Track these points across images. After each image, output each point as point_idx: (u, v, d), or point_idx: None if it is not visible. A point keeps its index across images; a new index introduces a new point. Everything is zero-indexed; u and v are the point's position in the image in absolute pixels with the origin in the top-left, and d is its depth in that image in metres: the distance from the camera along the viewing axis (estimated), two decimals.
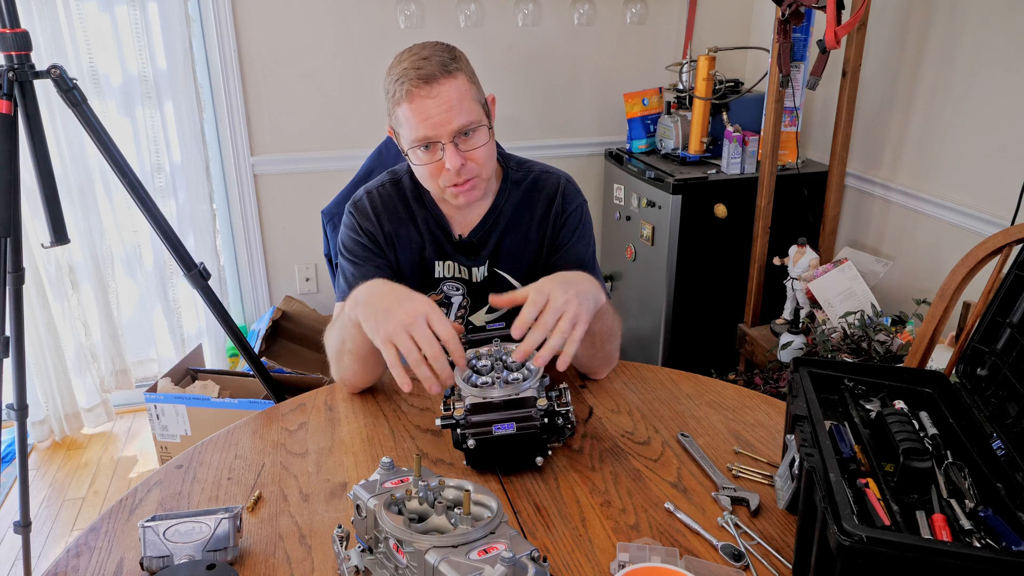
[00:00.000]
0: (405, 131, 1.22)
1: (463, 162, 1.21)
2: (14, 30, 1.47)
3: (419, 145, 1.21)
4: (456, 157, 1.20)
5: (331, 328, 1.26)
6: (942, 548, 0.69)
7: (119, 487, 2.41)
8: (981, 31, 2.01)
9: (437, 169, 1.23)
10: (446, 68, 1.18)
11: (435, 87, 1.17)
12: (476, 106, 1.22)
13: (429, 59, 1.18)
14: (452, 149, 1.19)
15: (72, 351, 2.60)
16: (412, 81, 1.17)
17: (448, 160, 1.20)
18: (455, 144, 1.20)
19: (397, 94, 1.19)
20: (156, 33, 2.42)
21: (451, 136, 1.19)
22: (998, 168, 1.99)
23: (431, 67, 1.17)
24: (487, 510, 0.78)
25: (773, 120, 2.33)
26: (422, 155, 1.22)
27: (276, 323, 2.64)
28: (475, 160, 1.23)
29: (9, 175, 1.52)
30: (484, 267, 1.38)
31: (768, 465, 1.06)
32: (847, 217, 2.57)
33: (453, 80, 1.18)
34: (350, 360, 1.21)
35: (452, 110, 1.18)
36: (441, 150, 1.20)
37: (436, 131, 1.18)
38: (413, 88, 1.17)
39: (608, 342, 1.24)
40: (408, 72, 1.18)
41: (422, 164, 1.23)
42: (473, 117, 1.21)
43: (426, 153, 1.22)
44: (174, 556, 0.86)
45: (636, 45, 2.85)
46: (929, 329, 1.45)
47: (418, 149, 1.21)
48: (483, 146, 1.23)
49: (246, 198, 2.68)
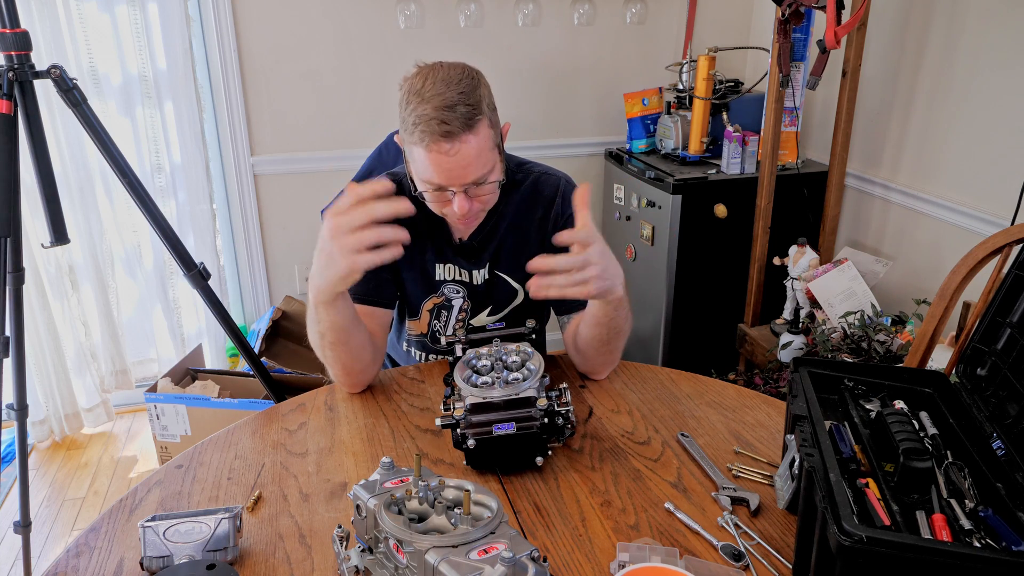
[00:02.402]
0: (417, 168, 1.20)
1: (471, 206, 1.21)
2: (14, 30, 1.47)
3: (429, 187, 1.20)
4: (465, 203, 1.19)
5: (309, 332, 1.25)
6: (942, 548, 0.69)
7: (119, 487, 2.41)
8: (981, 31, 2.01)
9: (442, 204, 1.23)
10: (469, 123, 1.13)
11: (456, 144, 1.13)
12: (492, 154, 1.20)
13: (453, 109, 1.12)
14: (462, 197, 1.19)
15: (72, 351, 2.60)
16: (432, 136, 1.12)
17: (457, 205, 1.20)
18: (465, 191, 1.19)
19: (415, 136, 1.14)
20: (156, 33, 2.42)
21: (463, 187, 1.18)
22: (998, 168, 1.99)
23: (455, 122, 1.12)
24: (487, 510, 0.78)
25: (773, 120, 2.33)
26: (430, 194, 1.22)
27: (276, 323, 2.64)
28: (482, 202, 1.24)
29: (9, 175, 1.52)
30: (485, 270, 1.38)
31: (768, 465, 1.06)
32: (847, 217, 2.57)
33: (474, 136, 1.14)
34: (333, 352, 1.21)
35: (469, 167, 1.16)
36: (451, 194, 1.20)
37: (449, 182, 1.18)
38: (433, 143, 1.13)
39: (616, 338, 1.24)
40: (430, 123, 1.12)
41: (429, 201, 1.24)
42: (488, 167, 1.19)
43: (435, 193, 1.21)
44: (174, 556, 0.86)
45: (636, 45, 2.85)
46: (929, 329, 1.45)
47: (428, 188, 1.21)
48: (492, 183, 1.23)
49: (246, 198, 2.68)
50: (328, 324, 1.17)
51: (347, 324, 1.18)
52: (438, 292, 1.39)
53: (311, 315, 1.19)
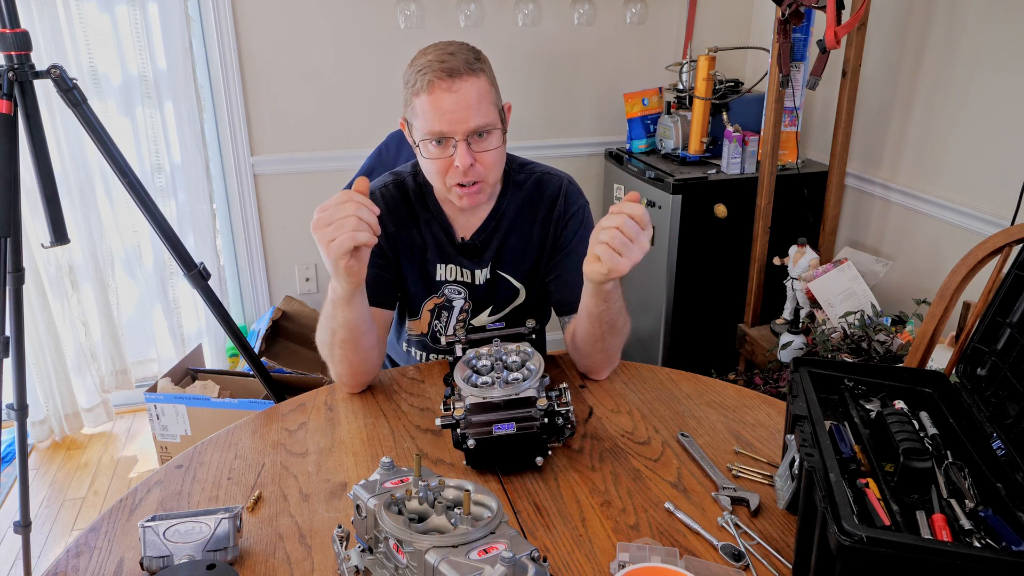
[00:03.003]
0: (420, 122, 1.21)
1: (472, 162, 1.21)
2: (14, 30, 1.47)
3: (432, 139, 1.21)
4: (467, 156, 1.19)
5: (320, 328, 1.26)
6: (942, 548, 0.69)
7: (119, 487, 2.41)
8: (981, 31, 2.01)
9: (445, 165, 1.22)
10: (471, 66, 1.19)
11: (457, 82, 1.17)
12: (494, 109, 1.23)
13: (455, 55, 1.19)
14: (464, 147, 1.19)
15: (72, 351, 2.60)
16: (435, 72, 1.17)
17: (459, 158, 1.19)
18: (468, 143, 1.20)
19: (418, 84, 1.19)
20: (156, 33, 2.42)
21: (465, 135, 1.19)
22: (998, 168, 1.99)
23: (456, 62, 1.18)
24: (487, 510, 0.78)
25: (773, 120, 2.33)
26: (433, 149, 1.22)
27: (276, 323, 2.64)
28: (484, 163, 1.23)
29: (9, 175, 1.52)
30: (487, 269, 1.38)
31: (768, 465, 1.06)
32: (847, 217, 2.57)
33: (476, 79, 1.19)
34: (342, 350, 1.21)
35: (470, 108, 1.18)
36: (453, 147, 1.20)
37: (452, 127, 1.18)
38: (435, 79, 1.17)
39: (611, 334, 1.23)
40: (432, 64, 1.18)
41: (431, 158, 1.23)
42: (490, 119, 1.21)
43: (437, 148, 1.21)
44: (174, 556, 0.86)
45: (636, 45, 2.85)
46: (929, 329, 1.45)
47: (430, 143, 1.21)
48: (495, 149, 1.23)
49: (246, 198, 2.68)
50: (342, 321, 1.18)
51: (361, 324, 1.19)
52: (439, 292, 1.39)
53: (326, 312, 1.20)
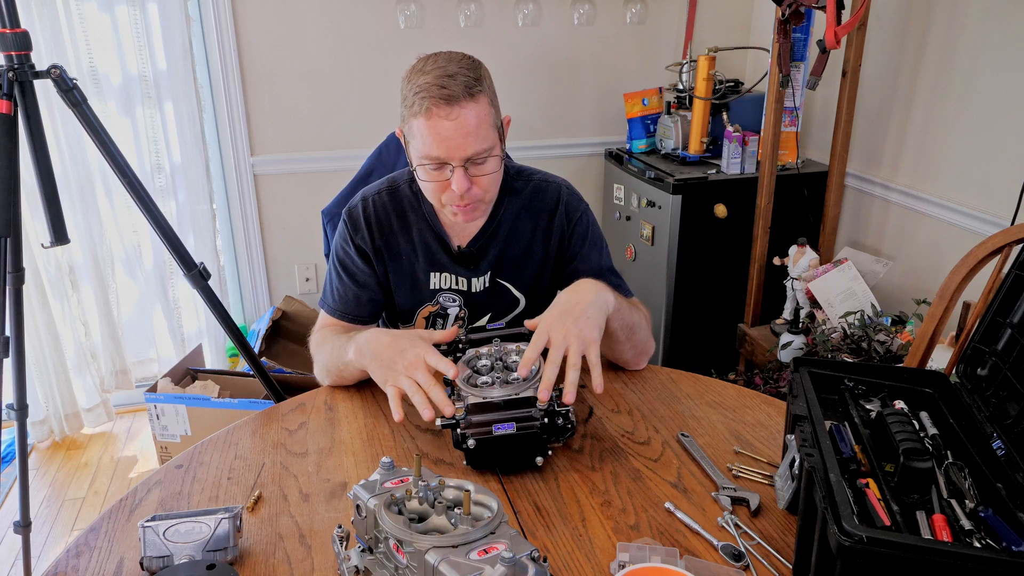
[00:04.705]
0: (417, 144, 1.19)
1: (469, 187, 1.20)
2: (14, 30, 1.47)
3: (429, 164, 1.19)
4: (464, 181, 1.18)
5: (322, 346, 1.29)
6: (942, 548, 0.69)
7: (119, 487, 2.41)
8: (981, 31, 2.01)
9: (442, 187, 1.22)
10: (470, 91, 1.15)
11: (456, 109, 1.13)
12: (492, 132, 1.20)
13: (455, 77, 1.14)
14: (461, 173, 1.18)
15: (72, 351, 2.60)
16: (433, 99, 1.13)
17: (455, 183, 1.18)
18: (465, 168, 1.18)
19: (416, 106, 1.15)
20: (156, 33, 2.42)
21: (462, 161, 1.17)
22: (998, 168, 1.99)
23: (455, 88, 1.13)
24: (487, 510, 0.78)
25: (773, 120, 2.33)
26: (430, 172, 1.21)
27: (276, 323, 2.64)
28: (481, 186, 1.22)
29: (9, 175, 1.52)
30: (486, 277, 1.37)
31: (768, 465, 1.06)
32: (847, 217, 2.57)
33: (475, 104, 1.15)
34: (338, 381, 1.29)
35: (468, 136, 1.15)
36: (450, 171, 1.19)
37: (449, 154, 1.16)
38: (433, 107, 1.13)
39: (632, 335, 1.24)
40: (431, 88, 1.14)
41: (427, 181, 1.22)
42: (488, 143, 1.19)
43: (434, 171, 1.20)
44: (174, 556, 0.86)
45: (636, 45, 2.85)
46: (929, 329, 1.45)
47: (427, 166, 1.20)
48: (492, 173, 1.22)
49: (246, 198, 2.68)
50: (351, 376, 1.26)
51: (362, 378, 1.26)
52: (433, 301, 1.39)
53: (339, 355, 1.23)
